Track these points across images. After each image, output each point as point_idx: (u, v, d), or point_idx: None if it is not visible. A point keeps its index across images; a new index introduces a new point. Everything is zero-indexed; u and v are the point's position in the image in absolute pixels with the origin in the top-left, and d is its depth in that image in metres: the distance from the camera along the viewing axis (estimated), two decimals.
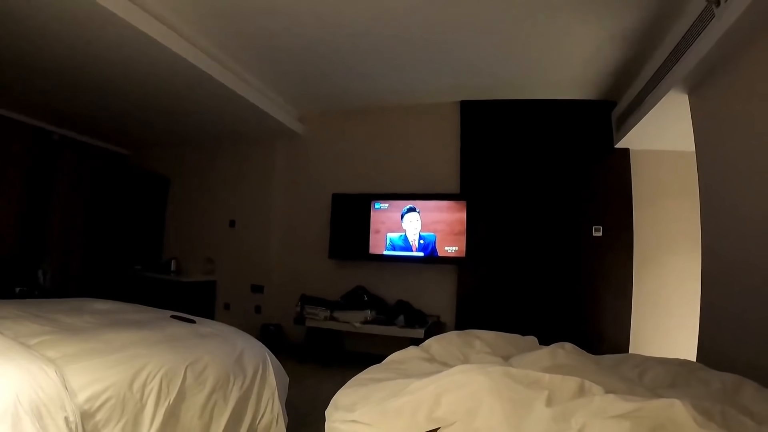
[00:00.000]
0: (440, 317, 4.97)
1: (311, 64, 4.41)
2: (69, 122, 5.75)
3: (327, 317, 4.79)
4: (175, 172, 6.55)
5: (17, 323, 2.16)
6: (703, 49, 2.76)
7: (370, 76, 4.67)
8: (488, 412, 1.21)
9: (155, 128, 5.86)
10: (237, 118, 5.24)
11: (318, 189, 5.59)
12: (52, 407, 1.55)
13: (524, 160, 4.99)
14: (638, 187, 4.72)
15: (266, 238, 5.83)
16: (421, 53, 4.11)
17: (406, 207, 5.06)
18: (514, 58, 4.12)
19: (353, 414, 1.39)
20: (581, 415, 1.11)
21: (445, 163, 5.18)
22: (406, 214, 5.05)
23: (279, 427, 2.50)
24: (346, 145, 5.64)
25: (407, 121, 5.40)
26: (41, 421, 1.50)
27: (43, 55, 3.84)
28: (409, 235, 5.02)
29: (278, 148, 5.90)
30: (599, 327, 4.61)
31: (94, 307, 2.95)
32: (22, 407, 1.47)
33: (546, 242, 4.83)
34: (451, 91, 4.98)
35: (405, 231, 5.04)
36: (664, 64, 3.44)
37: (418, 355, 2.06)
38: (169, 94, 4.61)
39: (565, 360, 1.71)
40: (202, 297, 5.82)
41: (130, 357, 1.96)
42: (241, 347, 2.53)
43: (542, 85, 4.69)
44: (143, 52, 3.66)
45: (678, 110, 3.47)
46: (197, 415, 2.09)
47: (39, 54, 3.83)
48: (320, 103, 5.54)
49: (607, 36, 3.63)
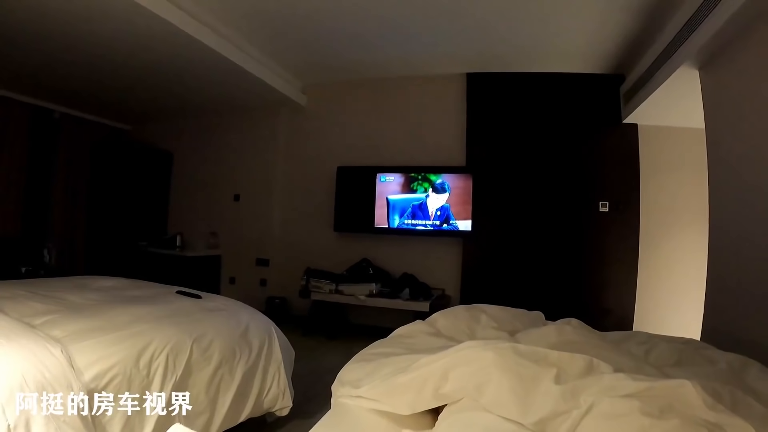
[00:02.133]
0: (445, 290, 4.99)
1: (314, 34, 4.33)
2: (68, 99, 5.70)
3: (332, 290, 4.81)
4: (178, 146, 6.51)
5: (22, 303, 2.16)
6: (716, 24, 2.69)
7: (375, 47, 4.58)
8: (496, 388, 1.20)
9: (156, 102, 5.81)
10: (239, 90, 5.18)
11: (322, 161, 5.55)
12: (59, 386, 1.56)
13: (531, 133, 4.93)
14: (645, 162, 4.66)
15: (271, 211, 5.82)
16: (427, 21, 4.00)
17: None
18: (521, 27, 4.02)
19: (359, 390, 1.39)
20: (590, 393, 1.10)
21: (451, 135, 5.12)
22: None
23: (285, 400, 2.53)
24: (351, 116, 5.58)
25: (413, 93, 5.33)
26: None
27: (41, 31, 3.79)
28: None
29: (282, 121, 5.85)
30: (604, 302, 4.61)
31: (99, 284, 2.95)
32: (29, 388, 1.48)
33: (552, 217, 4.80)
34: (458, 62, 4.88)
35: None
36: (675, 39, 3.35)
37: (424, 329, 2.06)
38: (170, 67, 4.55)
39: (572, 336, 1.70)
40: (207, 271, 5.84)
41: (135, 333, 1.97)
42: (247, 321, 2.54)
43: (550, 57, 4.59)
44: (144, 25, 3.60)
45: (688, 86, 3.40)
46: (204, 390, 2.11)
47: (38, 31, 3.77)
48: (324, 75, 5.45)
49: (617, 6, 3.53)
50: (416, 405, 1.30)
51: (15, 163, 5.38)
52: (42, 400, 1.49)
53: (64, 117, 5.95)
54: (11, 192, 5.35)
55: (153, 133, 6.66)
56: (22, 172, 5.47)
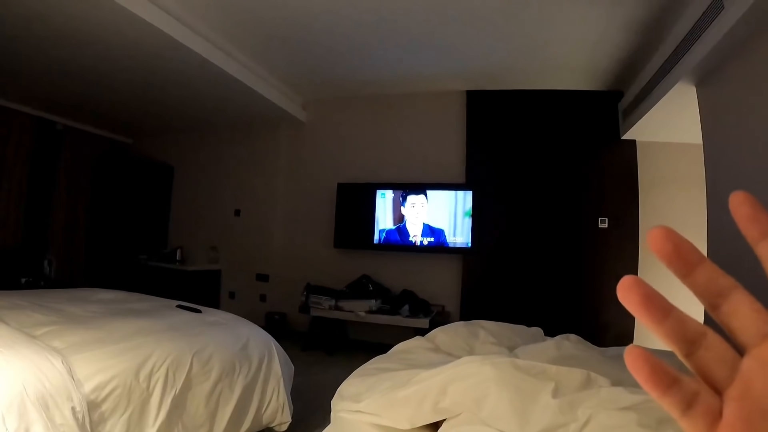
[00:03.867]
0: (445, 307, 4.98)
1: (315, 51, 4.38)
2: (71, 112, 5.76)
3: (332, 306, 4.80)
4: (179, 160, 6.55)
5: (22, 314, 2.17)
6: (713, 40, 2.72)
7: (375, 63, 4.63)
8: (495, 402, 1.21)
9: (158, 116, 5.86)
10: (241, 105, 5.23)
11: (322, 177, 5.57)
12: (59, 398, 1.56)
13: (530, 150, 4.95)
14: (644, 178, 4.68)
15: (271, 226, 5.84)
16: (427, 39, 4.05)
17: (407, 190, 5.03)
18: (520, 45, 4.07)
19: (359, 404, 1.39)
20: (588, 407, 1.11)
21: (451, 152, 5.15)
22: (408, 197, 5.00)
23: (284, 415, 2.52)
24: (351, 133, 5.61)
25: (413, 109, 5.37)
26: (48, 411, 1.51)
27: (44, 45, 3.84)
28: (409, 221, 4.99)
29: (282, 136, 5.90)
30: (604, 317, 4.60)
31: (99, 296, 2.96)
32: (29, 398, 1.48)
33: (551, 233, 4.81)
34: (457, 80, 4.93)
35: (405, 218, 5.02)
36: (672, 55, 3.38)
37: (423, 345, 2.06)
38: (172, 82, 4.61)
39: (570, 351, 1.71)
40: (207, 286, 5.84)
41: (136, 346, 1.97)
42: (247, 336, 2.55)
43: (549, 74, 4.64)
44: (146, 41, 3.66)
45: (686, 102, 3.44)
46: (203, 404, 2.11)
47: (42, 44, 3.83)
48: (324, 91, 5.50)
49: (614, 25, 3.58)
50: (416, 419, 1.30)
51: (17, 174, 5.41)
52: (42, 410, 1.49)
53: (67, 129, 6.00)
54: (12, 202, 5.38)
55: (154, 147, 6.71)
56: (24, 182, 5.50)
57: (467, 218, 4.80)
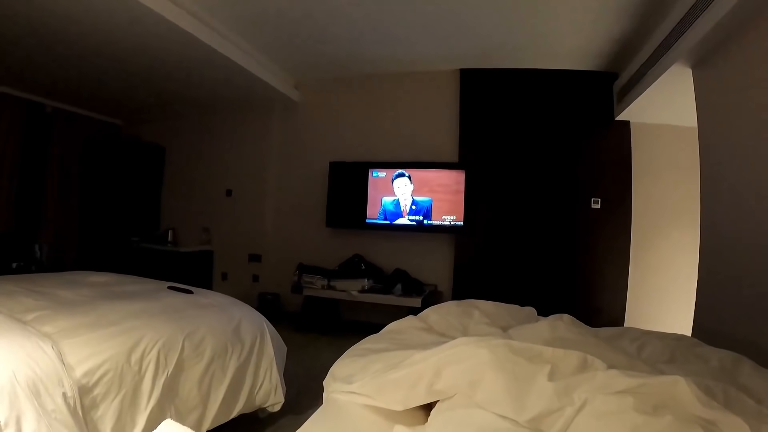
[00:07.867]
0: (437, 286, 4.99)
1: (308, 30, 4.30)
2: (60, 94, 5.66)
3: (324, 286, 4.81)
4: (170, 141, 6.48)
5: (12, 299, 2.13)
6: (710, 22, 2.69)
7: (368, 43, 4.56)
8: (490, 385, 1.20)
9: (149, 97, 5.75)
10: (232, 86, 5.14)
11: (315, 157, 5.53)
12: (50, 383, 1.55)
13: (524, 130, 4.93)
14: (638, 160, 4.69)
15: (263, 206, 5.81)
16: (421, 17, 3.99)
17: (395, 173, 5.04)
18: (515, 23, 4.02)
19: (351, 386, 1.38)
20: (584, 390, 1.10)
21: (444, 131, 5.12)
22: (395, 179, 5.03)
23: (277, 396, 2.52)
24: (344, 112, 5.55)
25: (406, 88, 5.32)
26: (39, 398, 1.49)
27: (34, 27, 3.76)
28: (400, 201, 5.01)
29: (274, 116, 5.83)
30: (595, 299, 4.64)
31: (90, 280, 2.92)
32: (19, 385, 1.46)
33: (544, 213, 4.82)
34: (451, 58, 4.88)
35: (396, 197, 5.03)
36: (669, 37, 3.35)
37: (416, 325, 2.06)
38: (163, 62, 4.51)
39: (564, 333, 1.70)
40: (199, 267, 5.82)
41: (127, 329, 1.95)
42: (239, 317, 2.54)
43: (544, 53, 4.59)
44: (137, 21, 3.58)
45: (681, 84, 3.42)
46: (196, 386, 2.10)
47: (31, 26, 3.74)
48: (317, 71, 5.42)
49: (611, 5, 3.53)
50: (409, 401, 1.29)
51: (7, 158, 5.34)
52: (33, 397, 1.47)
53: (57, 112, 5.91)
54: (3, 187, 5.32)
55: (145, 128, 6.62)
56: (15, 166, 5.43)
57: (460, 197, 4.79)
